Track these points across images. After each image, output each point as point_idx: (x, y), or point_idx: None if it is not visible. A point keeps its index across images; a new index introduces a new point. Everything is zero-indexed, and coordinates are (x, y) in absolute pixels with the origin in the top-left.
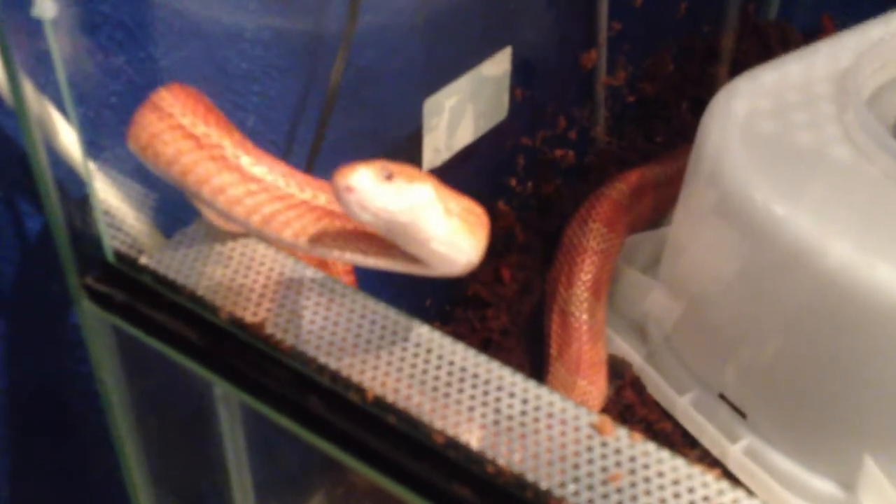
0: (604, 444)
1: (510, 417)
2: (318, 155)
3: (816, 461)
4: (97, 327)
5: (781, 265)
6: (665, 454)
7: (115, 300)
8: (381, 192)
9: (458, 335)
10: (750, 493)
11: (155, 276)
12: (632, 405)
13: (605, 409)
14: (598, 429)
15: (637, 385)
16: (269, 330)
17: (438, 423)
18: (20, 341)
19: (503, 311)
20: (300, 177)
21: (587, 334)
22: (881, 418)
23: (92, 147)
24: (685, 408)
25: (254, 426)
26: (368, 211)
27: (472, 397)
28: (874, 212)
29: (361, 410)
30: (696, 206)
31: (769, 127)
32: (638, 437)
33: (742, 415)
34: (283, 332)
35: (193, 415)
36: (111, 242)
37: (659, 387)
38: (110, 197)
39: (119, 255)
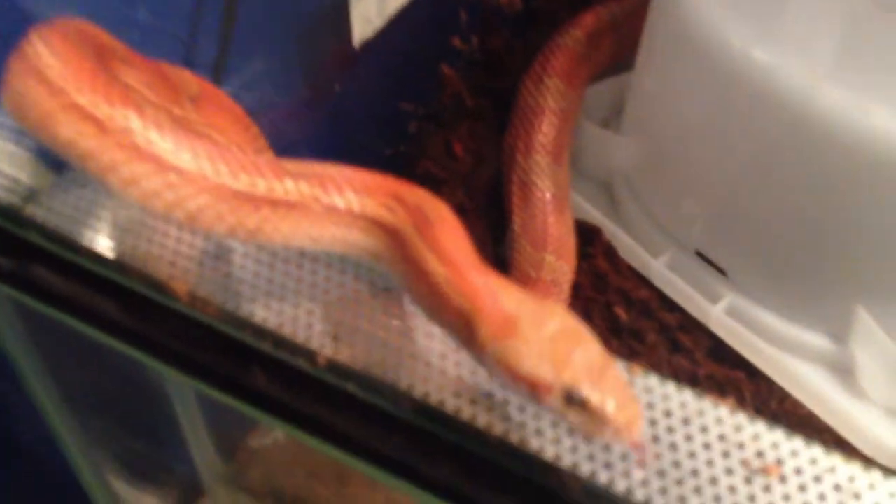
0: None
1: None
2: (230, 42)
3: (805, 315)
4: None
5: (760, 109)
6: (671, 388)
7: (2, 269)
8: None
9: None
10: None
11: (45, 231)
12: (605, 275)
13: (577, 283)
14: None
15: (609, 252)
16: (192, 290)
17: (405, 384)
18: None
19: (458, 187)
20: (234, 159)
21: (551, 204)
22: (873, 266)
23: None
24: (661, 270)
25: None
26: None
27: (443, 355)
28: (861, 47)
29: (313, 379)
30: (661, 48)
31: None
32: (637, 369)
33: (722, 272)
34: (210, 290)
35: (129, 373)
36: None
37: (632, 251)
38: None
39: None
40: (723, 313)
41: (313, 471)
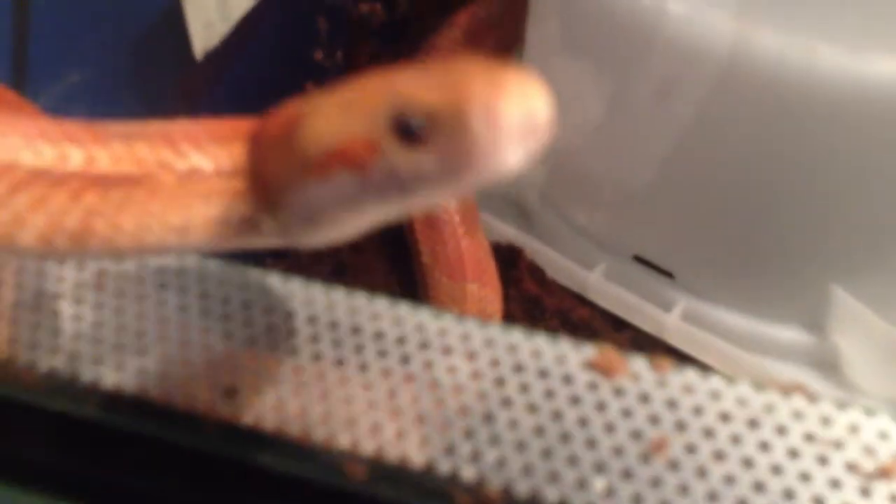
0: (619, 393)
1: (434, 385)
2: (26, 57)
3: (773, 307)
4: None
5: (690, 73)
6: (717, 381)
7: None
8: None
9: (300, 269)
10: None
11: None
12: (537, 298)
13: (507, 311)
14: (602, 369)
15: (535, 272)
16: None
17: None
18: None
19: None
20: (22, 123)
21: (461, 227)
22: (847, 238)
23: None
24: (598, 283)
25: None
26: None
27: (341, 362)
28: None
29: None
30: (551, 34)
31: None
32: (666, 363)
33: (669, 275)
34: (29, 354)
35: None
36: None
37: (561, 267)
38: None
39: None
40: (679, 320)
41: None
